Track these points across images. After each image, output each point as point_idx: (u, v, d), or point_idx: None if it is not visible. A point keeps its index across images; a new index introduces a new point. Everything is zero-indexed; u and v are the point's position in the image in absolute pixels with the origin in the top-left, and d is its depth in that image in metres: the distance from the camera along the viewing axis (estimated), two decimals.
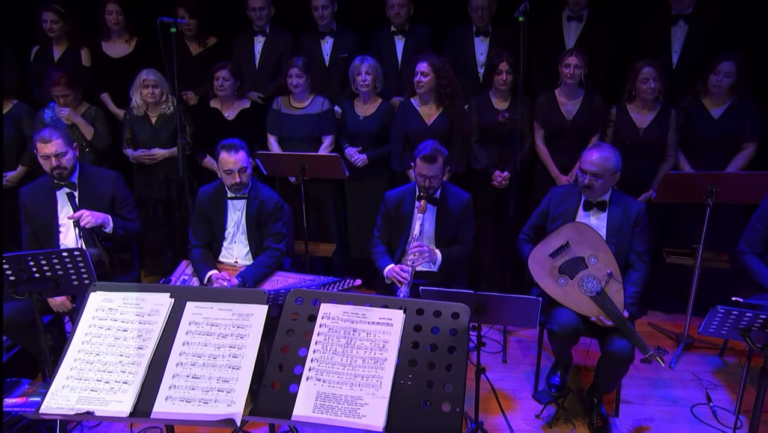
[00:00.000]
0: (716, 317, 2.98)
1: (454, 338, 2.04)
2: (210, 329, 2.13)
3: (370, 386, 1.98)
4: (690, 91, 4.52)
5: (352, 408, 1.95)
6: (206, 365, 2.07)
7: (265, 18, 4.91)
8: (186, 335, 2.13)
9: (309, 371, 2.03)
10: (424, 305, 2.12)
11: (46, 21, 4.98)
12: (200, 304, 2.17)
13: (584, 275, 3.56)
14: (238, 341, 2.10)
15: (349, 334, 2.09)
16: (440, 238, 3.95)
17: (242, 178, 3.80)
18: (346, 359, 2.04)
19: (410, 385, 1.99)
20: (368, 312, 2.12)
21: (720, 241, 4.38)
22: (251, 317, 2.13)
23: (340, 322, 2.11)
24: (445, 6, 5.03)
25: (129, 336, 2.14)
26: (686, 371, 4.33)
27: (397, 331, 2.07)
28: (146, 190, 4.92)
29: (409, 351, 2.05)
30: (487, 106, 4.60)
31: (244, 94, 4.83)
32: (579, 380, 4.21)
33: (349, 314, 2.12)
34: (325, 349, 2.07)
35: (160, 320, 2.16)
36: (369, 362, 2.03)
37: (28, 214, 3.99)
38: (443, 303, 2.13)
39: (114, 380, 2.06)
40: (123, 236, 3.96)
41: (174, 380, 2.06)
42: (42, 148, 3.79)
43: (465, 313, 2.08)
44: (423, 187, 3.80)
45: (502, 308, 3.21)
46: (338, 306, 2.14)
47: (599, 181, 3.64)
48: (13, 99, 4.89)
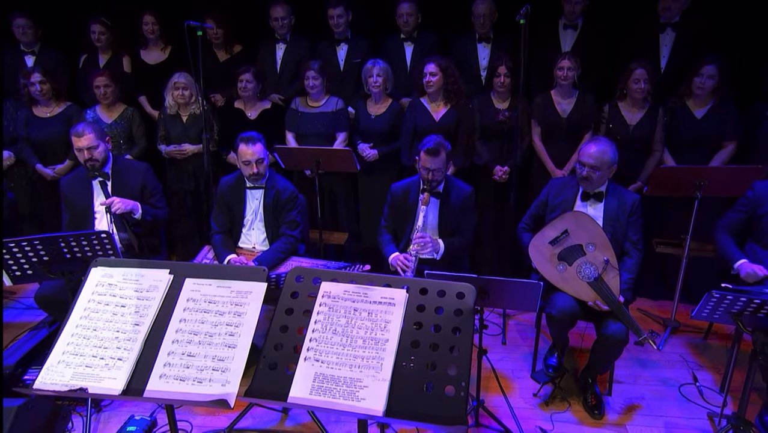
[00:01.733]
0: (711, 301, 2.71)
1: (458, 319, 1.66)
2: (207, 306, 1.76)
3: (370, 368, 1.60)
4: (675, 93, 4.19)
5: (350, 390, 1.57)
6: (202, 343, 1.70)
7: (286, 27, 4.61)
8: (183, 312, 1.76)
9: (307, 351, 1.66)
10: (428, 284, 1.74)
11: (94, 32, 4.76)
12: (199, 281, 1.80)
13: (582, 261, 3.17)
14: (235, 318, 1.73)
15: (349, 313, 1.71)
16: (443, 229, 3.57)
17: (259, 169, 3.48)
18: (345, 339, 1.67)
19: (412, 367, 1.60)
20: (370, 291, 1.74)
21: (703, 232, 4.01)
22: (250, 295, 1.76)
23: (341, 301, 1.73)
24: (449, 15, 4.69)
25: (127, 312, 1.78)
26: (673, 353, 3.97)
27: (399, 311, 1.69)
28: (177, 182, 4.60)
29: (411, 332, 1.67)
30: (488, 106, 4.24)
31: (266, 96, 4.52)
32: (574, 361, 3.82)
33: (350, 293, 1.74)
34: (324, 328, 1.69)
35: (158, 296, 1.79)
36: (369, 342, 1.65)
37: (68, 202, 3.76)
38: (448, 283, 1.74)
39: (109, 356, 1.71)
40: (151, 222, 3.66)
41: (169, 357, 1.69)
42: (76, 141, 3.56)
43: (470, 293, 1.70)
44: (426, 180, 3.43)
45: (504, 292, 2.84)
46: (339, 285, 1.76)
47: (597, 173, 3.28)
48: (66, 101, 4.61)
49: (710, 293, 2.69)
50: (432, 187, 3.44)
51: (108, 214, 3.46)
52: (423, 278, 1.80)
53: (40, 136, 4.50)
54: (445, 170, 3.45)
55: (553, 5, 4.42)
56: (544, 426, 3.24)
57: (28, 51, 4.91)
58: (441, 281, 1.76)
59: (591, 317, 3.32)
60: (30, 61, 4.91)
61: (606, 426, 3.30)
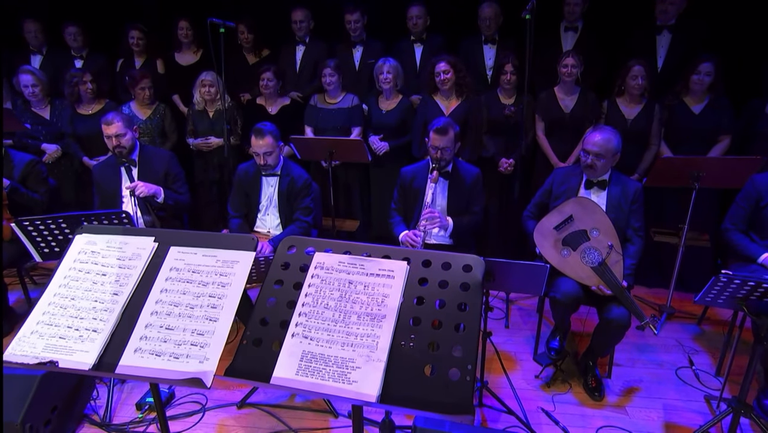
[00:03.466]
0: (717, 286, 2.32)
1: (465, 294, 1.25)
2: (191, 276, 1.37)
3: (364, 347, 1.20)
4: (672, 91, 3.74)
5: (341, 372, 1.17)
6: (182, 316, 1.31)
7: (305, 29, 4.24)
8: (165, 281, 1.38)
9: (296, 327, 1.26)
10: (432, 256, 1.33)
11: (133, 38, 4.46)
12: (184, 249, 1.42)
13: (586, 246, 2.74)
14: (219, 289, 1.34)
15: (344, 286, 1.31)
16: (452, 209, 3.15)
17: (267, 161, 3.11)
18: (338, 314, 1.27)
19: (412, 347, 1.20)
20: (367, 263, 1.33)
21: (698, 221, 3.60)
22: (236, 265, 1.37)
23: (335, 273, 1.33)
24: (457, 18, 4.28)
25: (107, 281, 1.39)
26: (669, 338, 3.51)
27: (399, 284, 1.28)
28: (203, 173, 4.24)
29: (412, 308, 1.26)
30: (495, 102, 3.82)
31: (286, 93, 4.14)
32: (575, 344, 3.37)
33: (345, 264, 1.34)
34: (315, 302, 1.29)
35: (140, 264, 1.41)
36: (365, 319, 1.25)
37: (98, 186, 3.44)
38: (454, 254, 1.33)
39: (84, 327, 1.33)
40: (173, 206, 3.31)
41: (146, 330, 1.30)
42: (105, 129, 3.25)
43: (479, 266, 1.29)
44: (435, 159, 3.03)
45: (510, 274, 2.41)
46: (334, 255, 1.36)
47: (601, 161, 2.85)
48: (105, 99, 4.28)
49: (717, 276, 2.32)
50: (441, 167, 3.04)
51: (132, 198, 3.12)
52: (426, 249, 1.38)
53: (84, 132, 4.17)
54: (453, 150, 3.05)
55: (554, 9, 3.98)
56: (546, 407, 2.82)
57: (77, 55, 4.66)
58: (449, 253, 1.35)
59: (593, 301, 2.89)
60: (78, 64, 4.63)
61: (606, 408, 2.86)
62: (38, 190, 3.48)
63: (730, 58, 3.77)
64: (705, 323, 3.68)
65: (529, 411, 2.79)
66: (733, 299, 2.46)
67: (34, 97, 4.12)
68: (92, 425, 2.67)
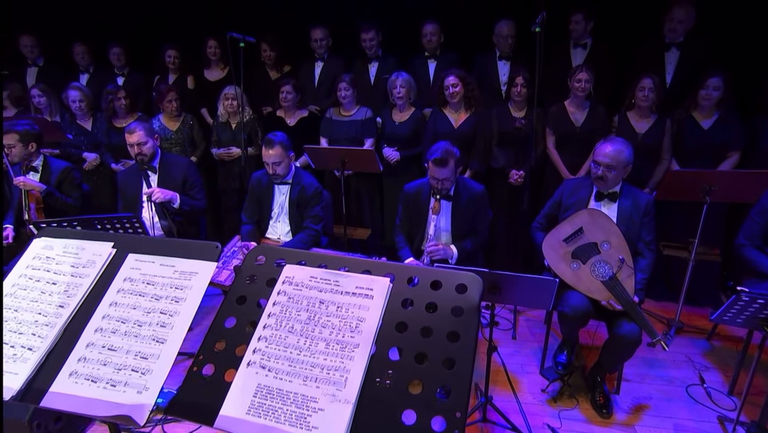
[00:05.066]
0: (737, 305, 1.98)
1: (457, 321, 0.89)
2: (144, 288, 1.05)
3: (330, 383, 0.86)
4: (680, 106, 3.30)
5: (300, 414, 0.83)
6: (128, 334, 0.99)
7: (324, 47, 3.94)
8: (117, 294, 1.06)
9: (253, 353, 0.92)
10: (420, 271, 0.98)
11: (170, 56, 4.24)
12: (142, 257, 1.10)
13: (596, 260, 2.34)
14: (171, 305, 1.01)
15: (313, 306, 0.96)
16: (456, 231, 2.76)
17: (276, 170, 2.81)
18: (304, 340, 0.92)
19: (389, 386, 0.85)
20: (343, 278, 0.99)
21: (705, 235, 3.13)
22: (194, 277, 1.04)
23: (305, 290, 0.99)
24: (470, 36, 3.91)
25: (56, 291, 1.09)
26: (679, 353, 3.06)
27: (378, 306, 0.93)
28: (225, 181, 3.97)
29: (392, 336, 0.91)
30: (506, 115, 3.43)
31: (304, 106, 3.84)
32: (583, 358, 2.95)
33: (318, 280, 1.00)
34: (279, 325, 0.95)
35: (93, 273, 1.10)
36: (334, 347, 0.90)
37: (122, 192, 3.21)
38: (447, 270, 0.98)
39: (21, 344, 1.01)
40: (189, 211, 3.04)
41: (87, 350, 0.99)
42: (128, 137, 3.02)
43: (475, 286, 0.93)
44: (436, 189, 2.65)
45: (517, 288, 2.04)
46: (306, 269, 1.02)
47: (612, 172, 2.46)
48: (138, 113, 4.06)
49: (738, 295, 1.96)
50: (442, 195, 2.66)
51: (149, 203, 2.87)
52: (416, 264, 1.03)
53: (118, 142, 3.95)
54: (454, 177, 2.66)
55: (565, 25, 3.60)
56: (552, 423, 2.42)
57: (119, 73, 4.49)
58: (440, 268, 1.01)
59: (603, 316, 2.49)
60: (120, 80, 4.46)
61: (615, 426, 2.46)
62: (72, 195, 3.27)
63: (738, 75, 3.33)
64: (715, 339, 3.22)
65: (535, 427, 2.40)
66: (754, 320, 2.07)
67: (79, 111, 4.01)
68: (102, 423, 2.39)
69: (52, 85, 4.20)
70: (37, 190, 3.08)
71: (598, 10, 3.54)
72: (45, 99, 4.13)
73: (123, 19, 4.56)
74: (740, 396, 2.57)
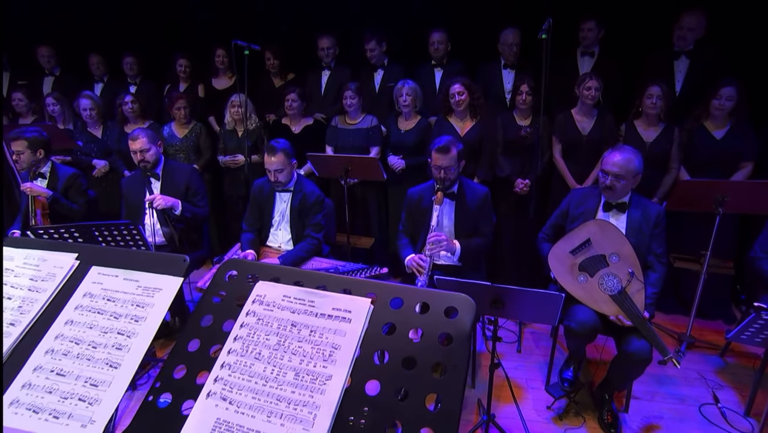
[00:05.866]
0: (757, 323, 1.81)
1: (445, 351, 0.74)
2: (104, 305, 0.92)
3: (297, 421, 0.71)
4: (691, 116, 3.12)
5: None
6: (80, 357, 0.86)
7: (330, 56, 3.83)
8: (74, 311, 0.93)
9: (214, 383, 0.78)
10: (406, 293, 0.83)
11: (181, 65, 4.20)
12: (105, 270, 0.97)
13: (605, 273, 2.17)
14: (129, 325, 0.88)
15: (284, 330, 0.82)
16: (459, 231, 2.59)
17: (278, 177, 2.69)
18: (272, 369, 0.78)
19: (363, 427, 0.70)
20: (319, 299, 0.85)
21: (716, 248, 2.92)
22: (157, 294, 0.91)
23: (276, 310, 0.85)
24: (477, 44, 3.76)
25: (10, 307, 0.96)
26: (691, 370, 2.86)
27: (356, 331, 0.79)
28: (231, 188, 3.87)
29: (369, 367, 0.76)
30: (511, 123, 3.27)
31: (310, 114, 3.73)
32: (590, 373, 2.76)
33: (291, 300, 0.86)
34: (245, 351, 0.82)
35: (51, 287, 0.97)
36: (305, 378, 0.76)
37: (125, 198, 3.11)
38: (436, 292, 0.83)
39: None
40: (191, 218, 2.92)
41: (34, 375, 0.86)
42: (131, 144, 2.93)
43: (468, 309, 0.78)
44: (439, 179, 2.49)
45: (521, 303, 1.88)
46: (279, 287, 0.88)
47: (621, 182, 2.29)
48: (148, 120, 4.00)
49: (758, 313, 1.79)
50: (445, 187, 2.50)
51: (150, 209, 2.76)
52: (402, 284, 0.89)
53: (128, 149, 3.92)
54: (458, 170, 2.52)
55: (572, 34, 3.44)
56: None
57: (132, 82, 4.44)
58: (429, 289, 0.86)
59: (612, 331, 2.31)
60: (133, 89, 4.41)
61: None
62: (77, 202, 3.19)
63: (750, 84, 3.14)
64: (729, 355, 3.01)
65: None
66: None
67: (90, 119, 3.96)
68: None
69: (67, 94, 4.16)
70: (44, 196, 3.01)
71: (606, 17, 3.38)
72: (59, 107, 4.11)
73: (136, 30, 4.52)
74: (758, 418, 2.38)
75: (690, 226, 3.15)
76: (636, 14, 3.50)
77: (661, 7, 3.38)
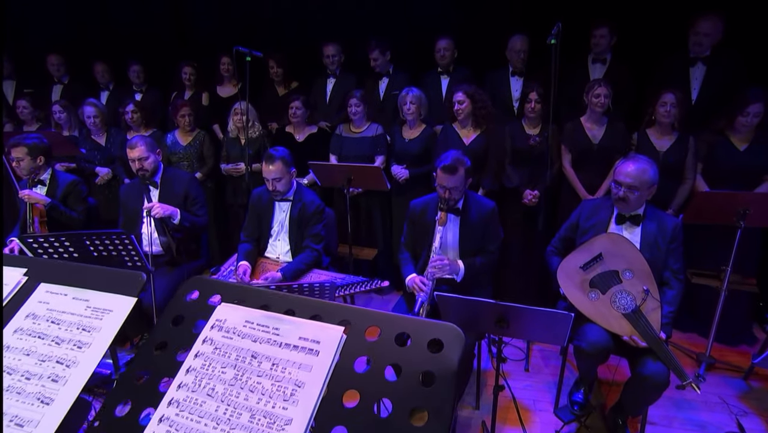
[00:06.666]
0: None
1: (426, 393, 0.61)
2: (47, 329, 0.81)
3: None
4: (712, 127, 2.96)
5: None
6: (11, 391, 0.75)
7: (336, 63, 3.75)
8: (13, 334, 0.82)
9: (159, 423, 0.66)
10: (385, 320, 0.71)
11: (186, 73, 4.14)
12: (54, 288, 0.86)
13: (618, 290, 2.02)
14: (71, 352, 0.77)
15: (242, 362, 0.70)
16: (464, 248, 2.44)
17: (276, 186, 2.58)
18: (225, 409, 0.66)
19: None
20: (285, 326, 0.73)
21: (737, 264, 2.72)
22: (106, 316, 0.80)
23: (236, 338, 0.73)
24: (484, 51, 3.65)
25: None
26: (711, 393, 2.66)
27: (323, 365, 0.67)
28: (233, 196, 3.78)
29: (336, 410, 0.63)
30: (520, 132, 3.14)
31: (314, 122, 3.64)
32: (602, 395, 2.58)
33: (254, 326, 0.74)
34: (197, 385, 0.69)
35: None
36: (260, 421, 0.63)
37: (123, 206, 3.01)
38: (421, 321, 0.70)
39: None
40: (189, 228, 2.82)
41: None
42: (129, 152, 2.83)
43: (455, 342, 0.65)
44: (443, 199, 2.34)
45: (527, 322, 1.74)
46: (241, 310, 0.76)
47: (635, 193, 2.14)
48: (152, 128, 3.95)
49: None
50: (450, 206, 2.35)
51: (148, 218, 2.68)
52: (380, 311, 0.75)
53: None
54: (464, 188, 2.37)
55: (582, 40, 3.32)
56: None
57: (137, 90, 4.41)
58: (411, 317, 0.73)
59: (625, 352, 2.15)
60: (138, 97, 4.38)
61: None
62: (76, 209, 3.12)
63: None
64: (753, 379, 2.81)
65: None
66: None
67: (94, 126, 3.92)
68: None
69: (75, 101, 4.15)
70: (41, 203, 2.95)
71: (618, 22, 3.25)
72: (65, 115, 4.09)
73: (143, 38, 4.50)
74: None
75: (708, 240, 2.98)
76: (649, 19, 3.36)
77: (676, 12, 3.24)
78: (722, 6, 3.03)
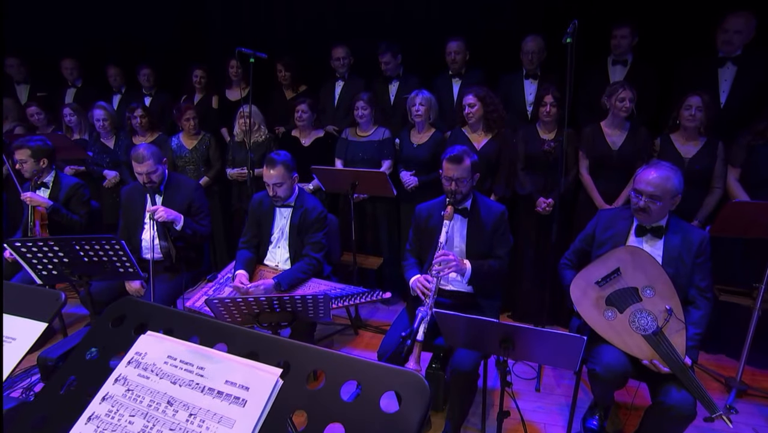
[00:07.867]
0: None
1: None
2: None
3: None
4: (752, 130, 2.69)
5: None
6: None
7: (345, 66, 3.63)
8: None
9: None
10: (334, 361, 0.56)
11: (196, 76, 4.07)
12: None
13: (637, 309, 1.83)
14: None
15: (155, 410, 0.55)
16: (472, 252, 2.26)
17: (277, 192, 2.47)
18: None
19: None
20: (211, 365, 0.58)
21: None
22: (8, 345, 0.67)
23: (153, 378, 0.58)
24: (497, 53, 3.48)
25: None
26: (742, 423, 2.42)
27: (249, 419, 0.51)
28: (238, 201, 3.69)
29: None
30: (534, 136, 2.96)
31: (322, 126, 3.53)
32: (619, 422, 2.36)
33: (177, 363, 0.59)
34: None
35: None
36: None
37: (125, 210, 2.90)
38: (378, 366, 0.54)
39: None
40: (191, 235, 2.70)
41: None
42: (136, 166, 2.70)
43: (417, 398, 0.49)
44: (450, 192, 2.18)
45: (535, 344, 1.56)
46: (167, 342, 0.62)
47: (657, 203, 1.94)
48: (158, 132, 3.88)
49: None
50: (457, 201, 2.19)
51: (151, 221, 2.58)
52: (328, 351, 0.59)
53: None
54: (471, 182, 2.22)
55: (602, 41, 3.12)
56: None
57: (147, 93, 4.38)
58: (367, 360, 0.58)
59: (645, 376, 1.94)
60: (147, 100, 4.35)
61: None
62: (78, 212, 3.06)
63: None
64: None
65: None
66: None
67: (103, 129, 3.89)
68: None
69: (88, 105, 4.13)
70: (43, 206, 2.90)
71: (640, 21, 3.04)
72: (76, 118, 4.08)
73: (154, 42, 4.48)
74: None
75: (739, 253, 2.73)
76: (673, 17, 3.14)
77: (702, 9, 3.01)
78: (753, 2, 2.79)
